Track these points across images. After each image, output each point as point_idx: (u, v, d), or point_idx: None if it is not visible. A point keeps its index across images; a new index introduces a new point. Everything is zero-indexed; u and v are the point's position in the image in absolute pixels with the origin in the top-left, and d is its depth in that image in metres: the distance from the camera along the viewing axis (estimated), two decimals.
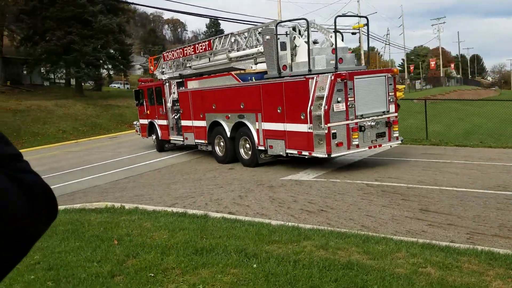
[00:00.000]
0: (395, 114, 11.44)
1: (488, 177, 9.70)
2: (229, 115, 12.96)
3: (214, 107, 13.58)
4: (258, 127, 12.02)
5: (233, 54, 13.31)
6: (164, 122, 16.56)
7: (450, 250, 5.41)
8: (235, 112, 12.72)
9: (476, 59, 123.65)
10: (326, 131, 10.21)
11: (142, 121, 18.30)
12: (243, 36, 13.09)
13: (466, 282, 4.47)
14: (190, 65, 15.48)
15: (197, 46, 14.88)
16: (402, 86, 16.00)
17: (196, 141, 14.67)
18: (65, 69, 36.03)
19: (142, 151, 17.56)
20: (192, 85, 14.96)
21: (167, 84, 16.31)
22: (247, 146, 12.59)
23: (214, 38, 14.55)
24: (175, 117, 16.01)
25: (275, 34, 11.35)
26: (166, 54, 17.16)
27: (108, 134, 26.43)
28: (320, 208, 7.94)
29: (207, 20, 78.31)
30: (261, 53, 12.14)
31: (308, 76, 10.73)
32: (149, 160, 15.32)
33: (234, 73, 13.13)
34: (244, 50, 12.96)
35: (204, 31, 78.35)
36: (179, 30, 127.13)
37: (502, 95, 60.83)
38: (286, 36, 11.69)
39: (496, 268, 4.81)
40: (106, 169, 14.20)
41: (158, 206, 8.61)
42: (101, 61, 35.79)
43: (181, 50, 15.97)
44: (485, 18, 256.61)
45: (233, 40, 13.43)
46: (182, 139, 15.48)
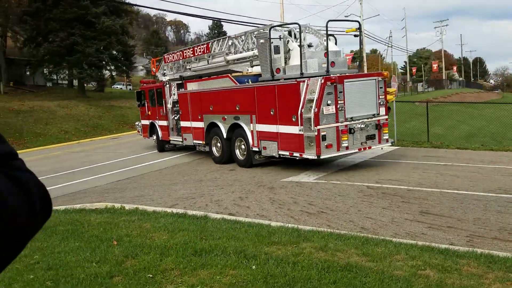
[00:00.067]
0: (385, 117, 11.62)
1: (489, 180, 9.68)
2: (225, 117, 13.20)
3: (211, 109, 13.82)
4: (252, 129, 12.24)
5: (230, 57, 13.57)
6: (164, 123, 16.81)
7: (450, 253, 5.40)
8: (231, 113, 12.95)
9: (478, 62, 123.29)
10: (316, 133, 10.39)
11: (144, 121, 18.56)
12: (240, 39, 13.32)
13: (465, 285, 4.45)
14: (190, 67, 15.76)
15: (196, 49, 15.19)
16: (393, 89, 16.19)
17: (194, 141, 14.92)
18: (68, 70, 36.18)
19: (144, 152, 17.60)
20: (191, 87, 15.22)
21: (168, 85, 16.58)
22: (242, 147, 12.79)
23: (213, 41, 14.80)
24: (175, 118, 16.27)
25: (269, 38, 11.54)
26: (167, 56, 17.47)
27: (110, 135, 26.49)
28: (320, 209, 7.93)
29: (210, 22, 78.48)
30: (256, 56, 12.32)
31: (299, 79, 10.92)
32: (150, 161, 15.35)
33: (231, 75, 13.34)
34: (241, 53, 13.21)
35: (206, 33, 78.35)
36: (182, 31, 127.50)
37: (505, 98, 60.64)
38: (280, 40, 11.91)
39: (495, 271, 4.80)
40: (107, 169, 14.22)
41: (158, 207, 8.61)
42: (103, 62, 35.93)
43: (181, 52, 16.29)
44: (488, 21, 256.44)
45: (230, 43, 13.68)
46: (181, 140, 15.72)
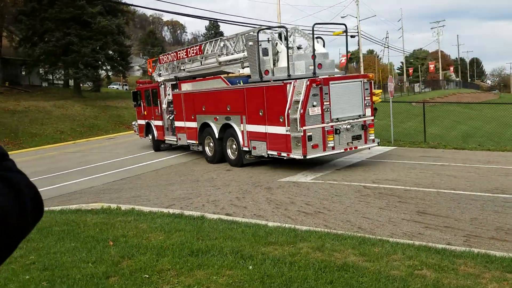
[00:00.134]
0: (371, 118, 11.81)
1: (486, 180, 9.70)
2: (217, 117, 13.39)
3: (204, 109, 13.97)
4: (242, 129, 12.41)
5: (222, 58, 13.78)
6: (159, 123, 16.93)
7: (447, 253, 5.40)
8: (223, 114, 13.12)
9: (475, 63, 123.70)
10: (302, 134, 10.57)
11: (140, 121, 18.64)
12: (232, 41, 13.48)
13: (461, 285, 4.45)
14: (184, 68, 15.94)
15: (189, 50, 15.45)
16: (378, 91, 16.58)
17: (188, 141, 15.08)
18: (63, 70, 36.04)
19: (140, 152, 17.56)
20: (185, 87, 15.38)
21: (163, 86, 16.74)
22: (234, 147, 12.97)
23: (205, 42, 15.00)
24: (170, 118, 16.40)
25: (257, 40, 11.65)
26: (162, 57, 17.67)
27: (106, 135, 26.40)
28: (317, 209, 7.92)
29: (207, 22, 78.46)
30: (247, 57, 12.45)
31: (286, 81, 11.08)
32: (146, 161, 15.31)
33: (223, 76, 13.49)
34: (232, 54, 13.40)
35: (203, 33, 78.42)
36: (179, 32, 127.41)
37: (502, 99, 60.89)
38: (268, 42, 12.08)
39: (492, 270, 4.79)
40: (103, 170, 14.17)
41: (155, 207, 8.58)
42: (99, 62, 35.79)
43: (175, 53, 16.47)
44: (485, 21, 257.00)
45: (222, 44, 13.87)
46: (176, 140, 15.86)
